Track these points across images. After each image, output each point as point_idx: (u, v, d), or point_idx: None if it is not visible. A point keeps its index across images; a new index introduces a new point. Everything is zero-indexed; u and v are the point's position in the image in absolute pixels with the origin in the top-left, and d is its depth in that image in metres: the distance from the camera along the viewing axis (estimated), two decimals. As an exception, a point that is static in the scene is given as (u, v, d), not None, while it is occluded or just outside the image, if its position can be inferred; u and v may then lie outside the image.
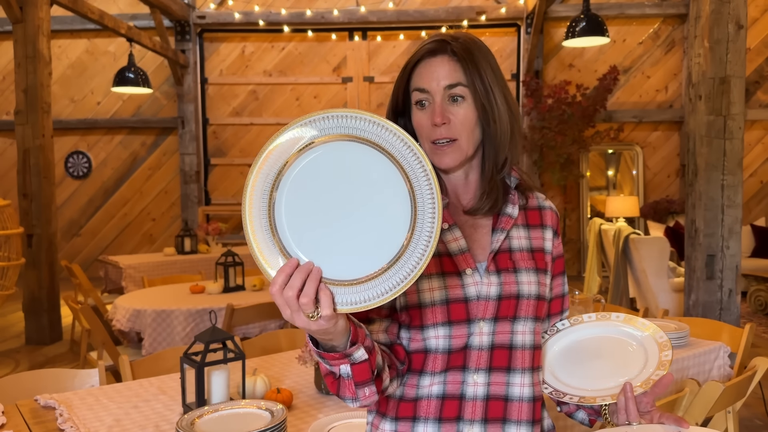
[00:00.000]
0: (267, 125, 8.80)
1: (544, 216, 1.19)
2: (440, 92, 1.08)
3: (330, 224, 0.89)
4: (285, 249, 0.89)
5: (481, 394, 1.08)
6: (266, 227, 0.89)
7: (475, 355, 1.08)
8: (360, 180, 0.89)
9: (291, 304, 0.85)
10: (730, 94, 3.81)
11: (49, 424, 1.69)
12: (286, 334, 2.63)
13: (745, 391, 2.09)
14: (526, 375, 1.10)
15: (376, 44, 8.68)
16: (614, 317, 1.23)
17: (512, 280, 1.10)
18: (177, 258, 5.68)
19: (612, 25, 8.15)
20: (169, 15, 7.99)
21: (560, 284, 1.24)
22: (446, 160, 1.09)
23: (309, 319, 0.86)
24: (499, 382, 1.09)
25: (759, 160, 8.47)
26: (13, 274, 4.80)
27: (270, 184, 0.89)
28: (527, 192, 1.19)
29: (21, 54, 5.38)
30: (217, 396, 1.71)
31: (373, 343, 0.99)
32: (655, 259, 5.44)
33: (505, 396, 1.09)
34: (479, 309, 1.08)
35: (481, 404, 1.08)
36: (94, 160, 8.94)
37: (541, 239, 1.17)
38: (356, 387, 0.97)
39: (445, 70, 1.08)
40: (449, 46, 1.08)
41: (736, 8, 3.77)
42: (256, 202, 0.89)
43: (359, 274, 0.89)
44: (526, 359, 1.10)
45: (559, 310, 1.25)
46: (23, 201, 5.43)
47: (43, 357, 5.01)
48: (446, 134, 1.08)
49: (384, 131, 0.89)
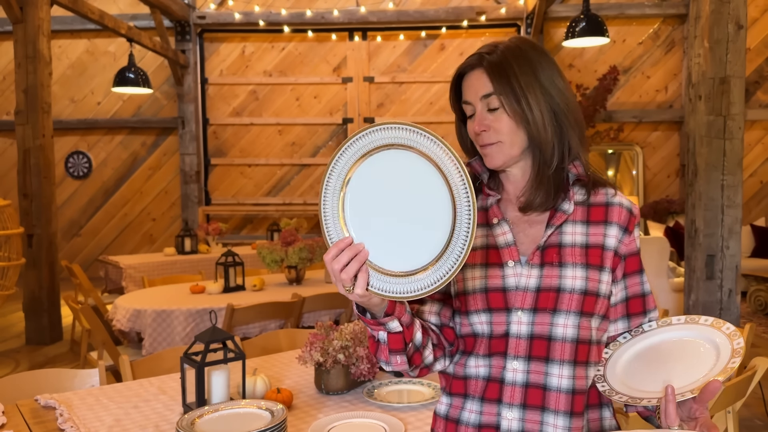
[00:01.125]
0: (267, 125, 8.80)
1: (611, 212, 1.20)
2: (479, 103, 1.19)
3: (384, 218, 1.03)
4: (348, 227, 1.03)
5: (520, 380, 1.14)
6: (336, 205, 1.04)
7: (514, 343, 1.15)
8: (412, 185, 1.02)
9: (335, 275, 1.01)
10: (730, 94, 3.81)
11: (50, 424, 1.69)
12: (286, 334, 2.63)
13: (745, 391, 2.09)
14: (565, 367, 1.13)
15: (376, 44, 8.68)
16: (702, 321, 1.16)
17: (554, 274, 1.14)
18: (177, 258, 5.68)
19: (612, 26, 8.16)
20: (170, 15, 8.00)
21: (637, 283, 1.21)
22: (492, 161, 1.20)
23: (345, 290, 1.01)
24: (538, 371, 1.14)
25: (759, 160, 8.47)
26: (13, 274, 4.80)
27: (346, 171, 1.04)
28: (595, 187, 1.22)
29: (21, 54, 5.38)
30: (217, 396, 1.71)
31: (413, 320, 1.13)
32: (655, 259, 5.44)
33: (543, 385, 1.14)
34: (517, 299, 1.15)
35: (520, 390, 1.14)
36: (95, 160, 8.94)
37: (601, 235, 1.18)
38: (390, 353, 1.12)
39: (480, 82, 1.18)
40: (484, 59, 1.18)
41: (736, 8, 3.77)
42: (333, 180, 1.04)
43: (398, 268, 1.02)
44: (566, 351, 1.13)
45: (641, 310, 1.21)
46: (23, 201, 5.43)
47: (43, 357, 5.01)
48: (488, 140, 1.18)
49: (433, 144, 1.01)
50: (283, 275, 4.21)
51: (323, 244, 4.05)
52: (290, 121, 8.77)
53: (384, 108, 8.74)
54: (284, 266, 4.03)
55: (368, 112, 8.72)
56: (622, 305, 1.21)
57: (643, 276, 1.23)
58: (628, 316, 1.22)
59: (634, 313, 1.21)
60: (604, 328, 1.19)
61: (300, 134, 8.81)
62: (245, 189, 8.91)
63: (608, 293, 1.18)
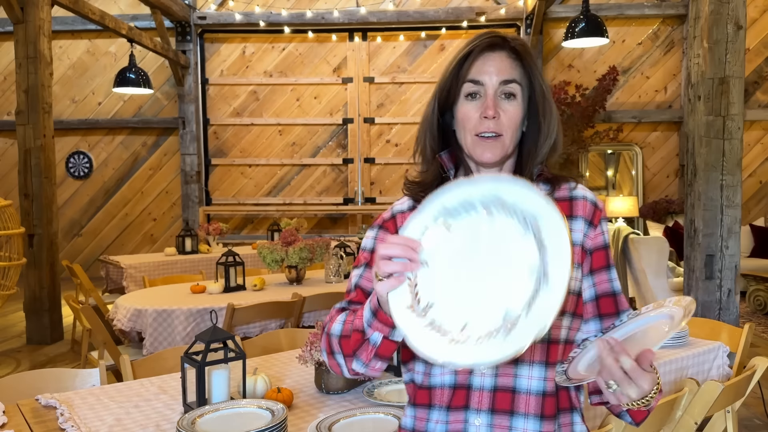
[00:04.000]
0: (267, 125, 8.81)
1: (575, 206, 1.16)
2: (494, 86, 1.11)
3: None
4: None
5: (488, 384, 1.10)
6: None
7: None
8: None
9: (387, 265, 0.94)
10: (729, 94, 3.81)
11: (50, 423, 1.70)
12: (286, 334, 2.63)
13: (744, 391, 2.09)
14: (535, 368, 1.10)
15: (376, 45, 8.69)
16: (668, 302, 1.09)
17: None
18: (178, 258, 5.69)
19: (611, 26, 8.16)
20: (170, 16, 8.00)
21: (606, 280, 1.16)
22: (488, 154, 1.13)
23: (376, 278, 0.96)
24: (506, 374, 1.10)
25: (758, 160, 8.47)
26: (14, 274, 4.81)
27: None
28: (557, 182, 1.17)
29: (22, 54, 5.38)
30: (217, 395, 1.72)
31: None
32: (654, 259, 5.45)
33: (512, 388, 1.09)
34: None
35: (488, 394, 1.09)
36: (95, 161, 8.95)
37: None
38: (374, 357, 1.06)
39: (504, 65, 1.11)
40: (509, 43, 1.12)
41: (735, 9, 3.78)
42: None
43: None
44: (535, 352, 1.09)
45: (614, 311, 1.16)
46: (24, 201, 5.44)
47: (44, 357, 5.02)
48: (494, 128, 1.11)
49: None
50: (284, 275, 4.21)
51: (323, 243, 4.06)
52: (290, 122, 8.77)
53: (384, 108, 8.75)
54: (284, 266, 4.03)
55: (368, 112, 8.72)
56: (592, 304, 1.16)
57: (612, 273, 1.17)
58: (600, 317, 1.16)
59: (606, 313, 1.16)
60: (576, 327, 1.15)
61: (300, 134, 8.82)
62: (246, 189, 8.91)
63: (578, 290, 1.14)
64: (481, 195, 0.96)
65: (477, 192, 0.97)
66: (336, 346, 1.11)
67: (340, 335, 1.11)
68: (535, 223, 0.94)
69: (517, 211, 0.95)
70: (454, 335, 0.93)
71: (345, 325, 1.10)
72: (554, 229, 0.93)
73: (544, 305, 0.91)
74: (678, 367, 2.25)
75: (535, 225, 0.94)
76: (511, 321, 0.93)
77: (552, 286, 0.92)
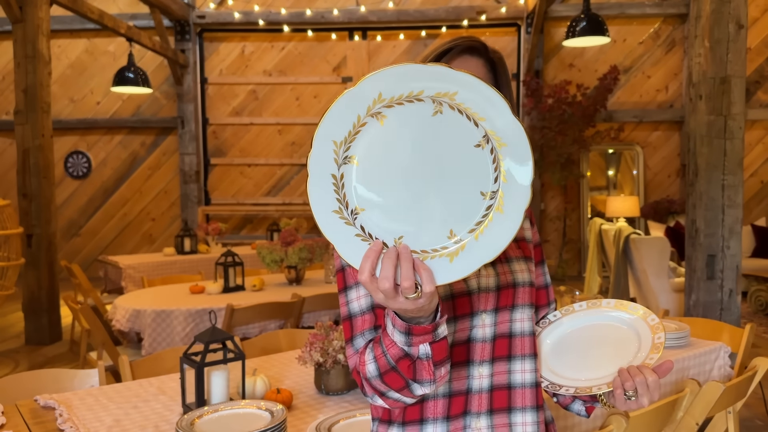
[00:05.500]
0: (267, 125, 8.80)
1: None
2: None
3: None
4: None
5: (486, 385, 1.09)
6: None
7: (479, 348, 1.08)
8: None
9: (388, 294, 0.82)
10: (730, 93, 3.81)
11: (49, 424, 1.69)
12: (286, 335, 2.62)
13: (746, 392, 2.09)
14: (527, 361, 1.12)
15: (376, 44, 8.68)
16: (605, 303, 1.22)
17: (507, 270, 1.12)
18: (177, 258, 5.68)
19: (612, 25, 8.15)
20: (169, 15, 7.99)
21: (542, 274, 1.23)
22: None
23: (407, 299, 0.83)
24: (501, 372, 1.10)
25: (759, 160, 8.47)
26: (12, 274, 4.80)
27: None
28: None
29: (21, 54, 5.37)
30: (216, 396, 1.71)
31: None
32: (655, 259, 5.44)
33: (508, 384, 1.10)
34: (481, 301, 1.09)
35: (486, 396, 1.09)
36: (94, 160, 8.93)
37: (521, 229, 1.20)
38: (435, 367, 0.93)
39: (478, 73, 1.11)
40: (487, 53, 1.14)
41: (736, 8, 3.77)
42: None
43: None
44: (525, 346, 1.12)
45: (546, 302, 1.25)
46: (23, 201, 5.43)
47: (42, 357, 5.00)
48: None
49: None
50: (283, 275, 4.20)
51: (323, 244, 4.05)
52: (290, 121, 8.76)
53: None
54: (284, 266, 4.02)
55: (368, 111, 8.70)
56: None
57: (545, 266, 1.25)
58: (537, 307, 1.24)
59: (542, 304, 1.25)
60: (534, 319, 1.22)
61: (300, 134, 8.81)
62: (245, 189, 8.91)
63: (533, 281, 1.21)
64: (431, 86, 0.83)
65: (426, 81, 0.83)
66: (382, 386, 0.98)
67: (380, 374, 0.97)
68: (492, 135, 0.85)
69: (469, 114, 0.84)
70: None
71: (378, 361, 0.96)
72: (516, 140, 0.84)
73: (497, 229, 0.85)
74: (679, 367, 2.24)
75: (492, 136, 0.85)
76: (457, 241, 0.86)
77: (507, 213, 0.85)
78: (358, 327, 1.05)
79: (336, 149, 0.86)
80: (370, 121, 0.85)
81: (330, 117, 0.84)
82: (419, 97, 0.84)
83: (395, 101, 0.85)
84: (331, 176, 0.86)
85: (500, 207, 0.85)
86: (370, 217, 0.86)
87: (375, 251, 0.83)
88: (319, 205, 0.85)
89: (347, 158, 0.86)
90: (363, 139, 0.86)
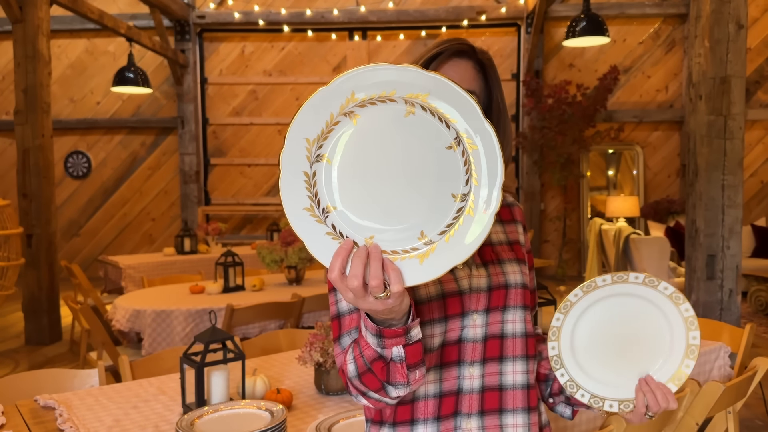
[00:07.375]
0: (267, 125, 8.80)
1: (514, 212, 1.24)
2: None
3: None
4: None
5: (477, 386, 1.09)
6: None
7: (470, 348, 1.09)
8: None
9: (357, 293, 0.83)
10: (730, 93, 3.81)
11: (49, 424, 1.69)
12: (286, 335, 2.62)
13: (746, 392, 2.09)
14: (518, 363, 1.12)
15: (376, 44, 8.68)
16: (632, 278, 1.09)
17: (499, 271, 1.13)
18: (177, 258, 5.68)
19: (612, 25, 8.15)
20: (169, 15, 7.99)
21: (533, 278, 1.25)
22: None
23: (376, 299, 0.84)
24: (492, 372, 1.10)
25: (759, 160, 8.47)
26: (12, 274, 4.80)
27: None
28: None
29: (20, 54, 5.37)
30: (216, 396, 1.71)
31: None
32: (655, 259, 5.44)
33: (499, 385, 1.10)
34: (472, 301, 1.09)
35: (477, 396, 1.09)
36: (94, 160, 8.93)
37: (515, 233, 1.21)
38: (408, 370, 0.95)
39: (467, 75, 1.12)
40: (476, 54, 1.14)
41: (736, 8, 3.77)
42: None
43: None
44: (517, 347, 1.12)
45: (532, 305, 1.25)
46: (23, 201, 5.43)
47: (42, 357, 5.00)
48: None
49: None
50: (283, 275, 4.20)
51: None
52: (290, 121, 8.75)
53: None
54: (284, 266, 4.02)
55: (368, 111, 8.71)
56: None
57: (533, 272, 1.25)
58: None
59: (531, 306, 1.26)
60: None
61: (300, 134, 8.80)
62: (245, 189, 8.91)
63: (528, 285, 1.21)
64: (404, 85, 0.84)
65: (399, 81, 0.84)
66: (362, 386, 1.00)
67: (359, 374, 0.99)
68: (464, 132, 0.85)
69: (442, 116, 0.85)
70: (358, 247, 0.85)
71: (357, 362, 0.98)
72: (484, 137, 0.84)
73: (468, 232, 0.85)
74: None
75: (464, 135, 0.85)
76: (428, 242, 0.86)
77: (479, 215, 0.85)
78: (345, 326, 1.06)
79: (308, 147, 0.86)
80: (343, 119, 0.86)
81: (303, 114, 0.86)
82: (392, 97, 0.85)
83: (368, 101, 0.85)
84: (303, 174, 0.86)
85: (471, 210, 0.86)
86: (341, 216, 0.87)
87: (345, 249, 0.84)
88: (291, 202, 0.86)
89: (319, 156, 0.87)
90: (336, 137, 0.87)
